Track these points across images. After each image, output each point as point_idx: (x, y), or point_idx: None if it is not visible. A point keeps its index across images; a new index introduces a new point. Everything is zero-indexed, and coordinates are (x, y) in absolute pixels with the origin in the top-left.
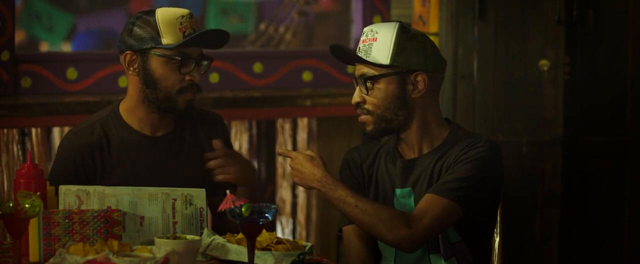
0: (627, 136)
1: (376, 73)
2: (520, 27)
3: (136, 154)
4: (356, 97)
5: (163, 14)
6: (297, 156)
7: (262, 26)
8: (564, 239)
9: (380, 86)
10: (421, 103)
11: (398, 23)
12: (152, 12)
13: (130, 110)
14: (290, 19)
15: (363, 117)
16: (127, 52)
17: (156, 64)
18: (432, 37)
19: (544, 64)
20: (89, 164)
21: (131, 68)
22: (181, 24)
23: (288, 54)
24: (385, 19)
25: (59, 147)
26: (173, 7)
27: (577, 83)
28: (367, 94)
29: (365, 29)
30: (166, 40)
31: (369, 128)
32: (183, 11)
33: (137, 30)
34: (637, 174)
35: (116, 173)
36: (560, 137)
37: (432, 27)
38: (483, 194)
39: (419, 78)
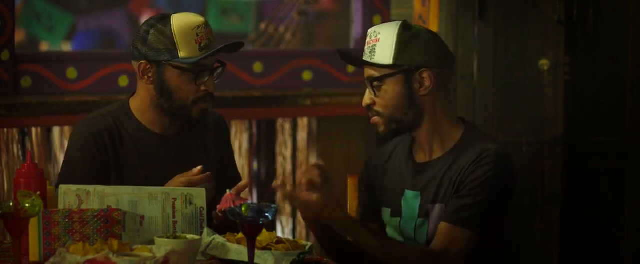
0: (627, 136)
1: (381, 74)
2: (520, 27)
3: (146, 150)
4: (366, 100)
5: (179, 25)
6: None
7: (262, 26)
8: (564, 239)
9: (387, 86)
10: (430, 100)
11: (401, 22)
12: (167, 21)
13: (141, 110)
14: (290, 18)
15: (374, 119)
16: (142, 61)
17: (171, 76)
18: None
19: (544, 64)
20: (102, 149)
21: (146, 76)
22: (197, 35)
23: (288, 54)
24: (386, 18)
25: (71, 136)
26: (173, 7)
27: (577, 83)
28: (375, 96)
29: (369, 31)
30: (183, 53)
31: (381, 129)
32: (199, 20)
33: (152, 40)
34: (637, 174)
35: (127, 165)
36: (560, 137)
37: (432, 27)
38: (497, 212)
39: (425, 75)
